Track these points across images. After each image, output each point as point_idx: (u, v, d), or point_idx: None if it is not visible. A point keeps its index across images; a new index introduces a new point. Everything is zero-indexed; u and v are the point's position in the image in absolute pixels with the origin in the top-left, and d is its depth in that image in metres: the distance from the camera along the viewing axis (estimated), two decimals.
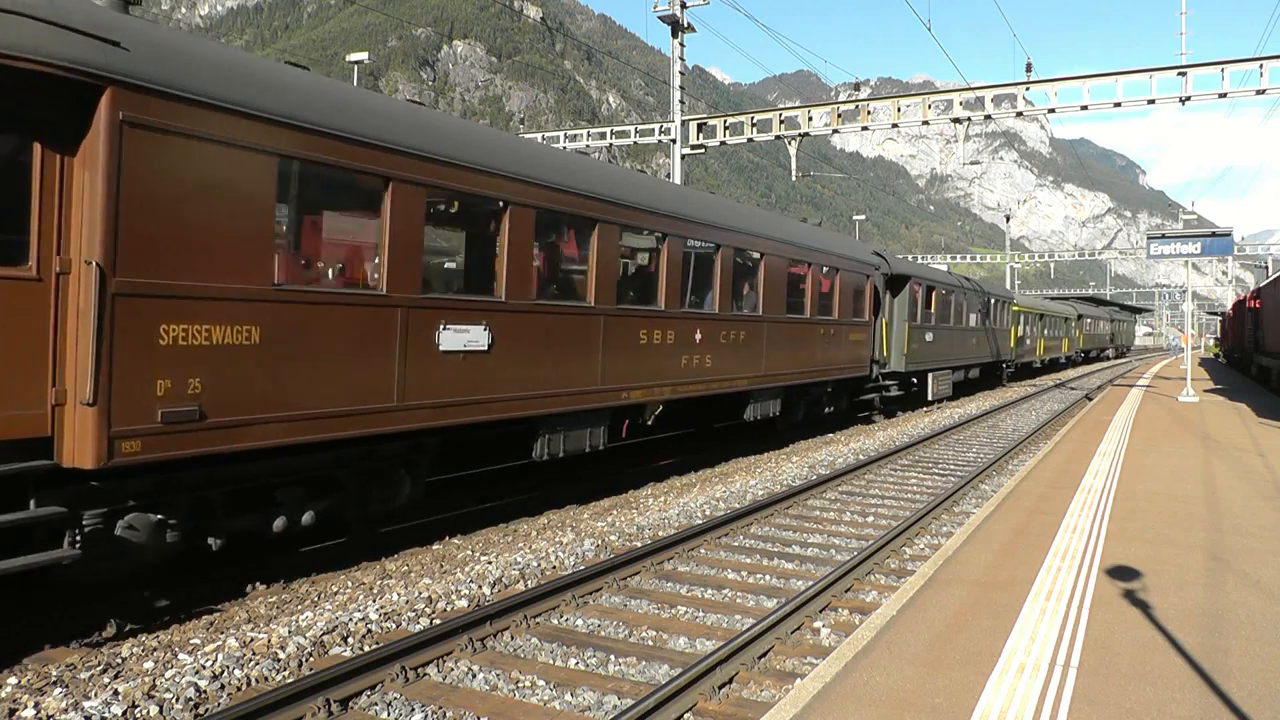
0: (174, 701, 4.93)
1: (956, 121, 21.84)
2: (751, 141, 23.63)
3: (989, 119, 21.98)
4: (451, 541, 8.76)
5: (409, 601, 6.71)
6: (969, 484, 12.10)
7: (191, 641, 5.85)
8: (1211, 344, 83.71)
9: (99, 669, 5.40)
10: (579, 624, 6.51)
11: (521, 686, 5.37)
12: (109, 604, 6.38)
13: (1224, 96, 19.45)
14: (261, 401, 6.38)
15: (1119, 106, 20.41)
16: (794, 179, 26.75)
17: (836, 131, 23.20)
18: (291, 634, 5.95)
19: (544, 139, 26.03)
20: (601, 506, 10.59)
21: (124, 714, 4.77)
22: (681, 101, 23.19)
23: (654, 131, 24.67)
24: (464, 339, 8.11)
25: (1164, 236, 22.68)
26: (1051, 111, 21.06)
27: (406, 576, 7.53)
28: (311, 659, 5.66)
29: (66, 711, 4.78)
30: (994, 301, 30.22)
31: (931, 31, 22.99)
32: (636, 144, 25.67)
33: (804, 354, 15.49)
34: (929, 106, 22.42)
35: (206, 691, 5.09)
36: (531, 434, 9.43)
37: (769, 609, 6.80)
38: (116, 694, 4.99)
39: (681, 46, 22.30)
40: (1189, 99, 19.55)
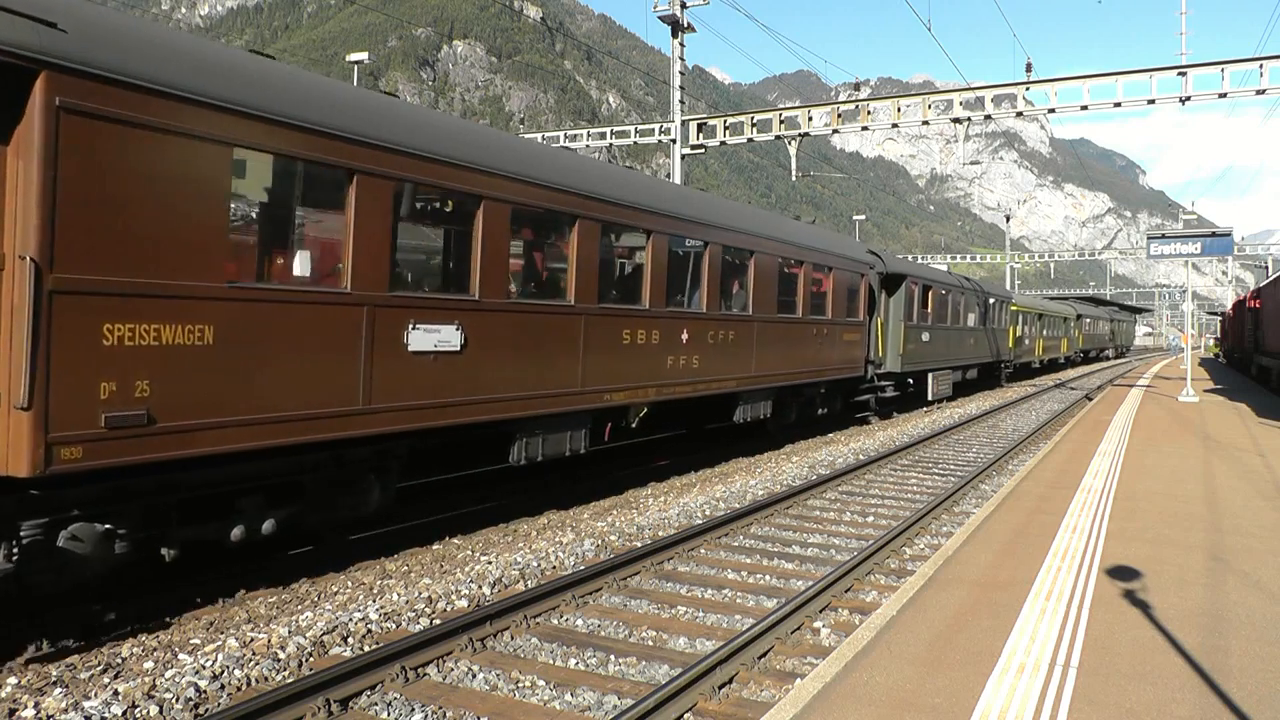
0: (174, 701, 4.93)
1: (956, 121, 21.84)
2: (751, 141, 23.63)
3: (989, 119, 21.98)
4: (451, 541, 8.76)
5: (409, 601, 6.71)
6: (969, 484, 12.11)
7: (191, 641, 5.85)
8: (1211, 344, 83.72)
9: (99, 669, 5.40)
10: (579, 624, 6.52)
11: (521, 686, 5.38)
12: (110, 604, 6.38)
13: (1224, 96, 19.45)
14: (216, 405, 6.09)
15: (1119, 106, 20.42)
16: (794, 179, 26.76)
17: (836, 131, 23.20)
18: (291, 634, 5.95)
19: (544, 139, 26.02)
20: (601, 506, 10.59)
21: (124, 714, 4.78)
22: (681, 101, 23.20)
23: (654, 131, 24.67)
24: (435, 339, 7.81)
25: (1164, 236, 22.68)
26: (1051, 111, 21.06)
27: (406, 576, 7.53)
28: (311, 659, 5.67)
29: (66, 711, 4.78)
30: (992, 301, 30.08)
31: (931, 31, 23.02)
32: (636, 144, 25.67)
33: (796, 354, 15.20)
34: (929, 106, 22.42)
35: (206, 691, 5.09)
36: (508, 437, 9.12)
37: (769, 609, 6.80)
38: (116, 694, 4.99)
39: (681, 46, 22.31)
40: (1189, 99, 19.56)
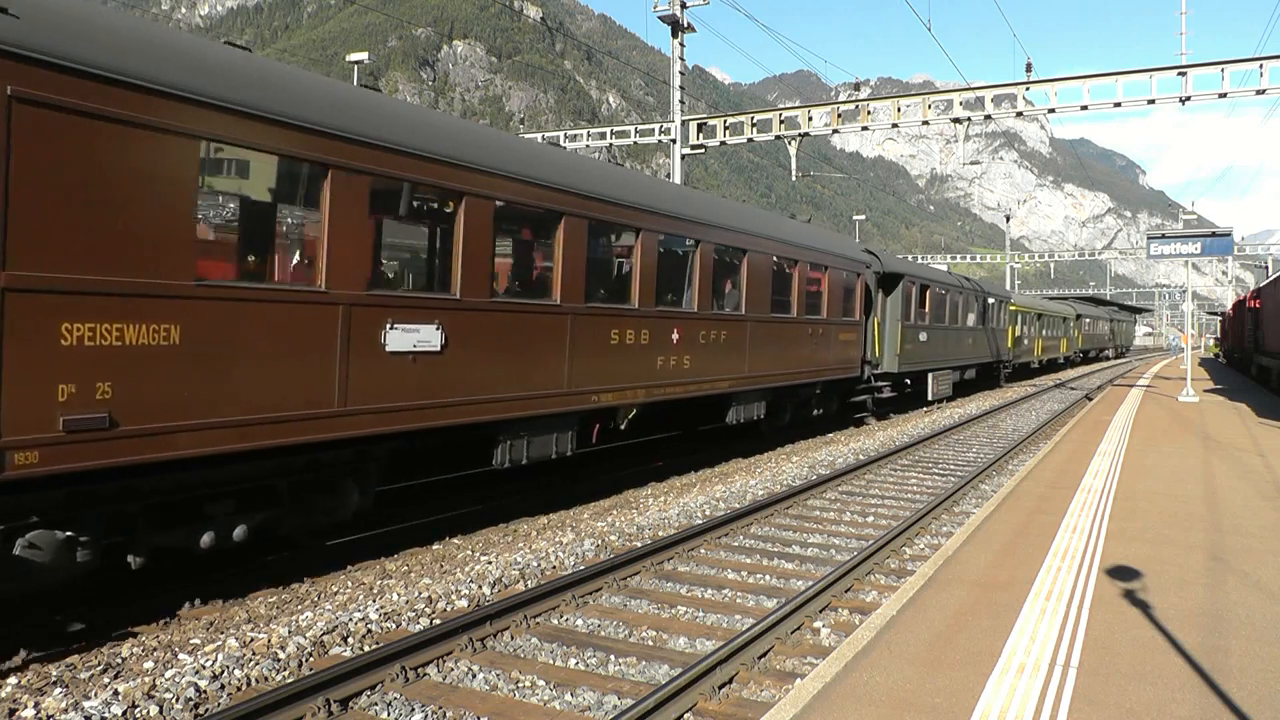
0: (174, 701, 4.93)
1: (956, 121, 21.84)
2: (751, 141, 23.63)
3: (989, 119, 21.98)
4: (451, 541, 8.76)
5: (409, 601, 6.71)
6: (969, 484, 12.10)
7: (191, 641, 5.85)
8: (1211, 344, 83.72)
9: (99, 669, 5.40)
10: (579, 624, 6.52)
11: (521, 686, 5.38)
12: (110, 604, 6.38)
13: (1224, 96, 19.46)
14: (183, 407, 5.86)
15: (1119, 106, 20.42)
16: (794, 179, 26.76)
17: (836, 131, 23.20)
18: (291, 634, 5.95)
19: (544, 139, 26.03)
20: (601, 506, 10.59)
21: (124, 714, 4.78)
22: (681, 101, 23.20)
23: (654, 131, 24.67)
24: (414, 339, 7.59)
25: (1164, 236, 22.68)
26: (1051, 111, 21.06)
27: (406, 576, 7.53)
28: (311, 659, 5.67)
29: (66, 711, 4.78)
30: (991, 301, 29.97)
31: (931, 31, 23.03)
32: (636, 144, 25.67)
33: (790, 355, 14.96)
34: (929, 106, 22.43)
35: (206, 691, 5.09)
36: (492, 440, 8.89)
37: (769, 609, 6.80)
38: (116, 694, 4.99)
39: (681, 46, 22.31)
40: (1189, 99, 19.56)
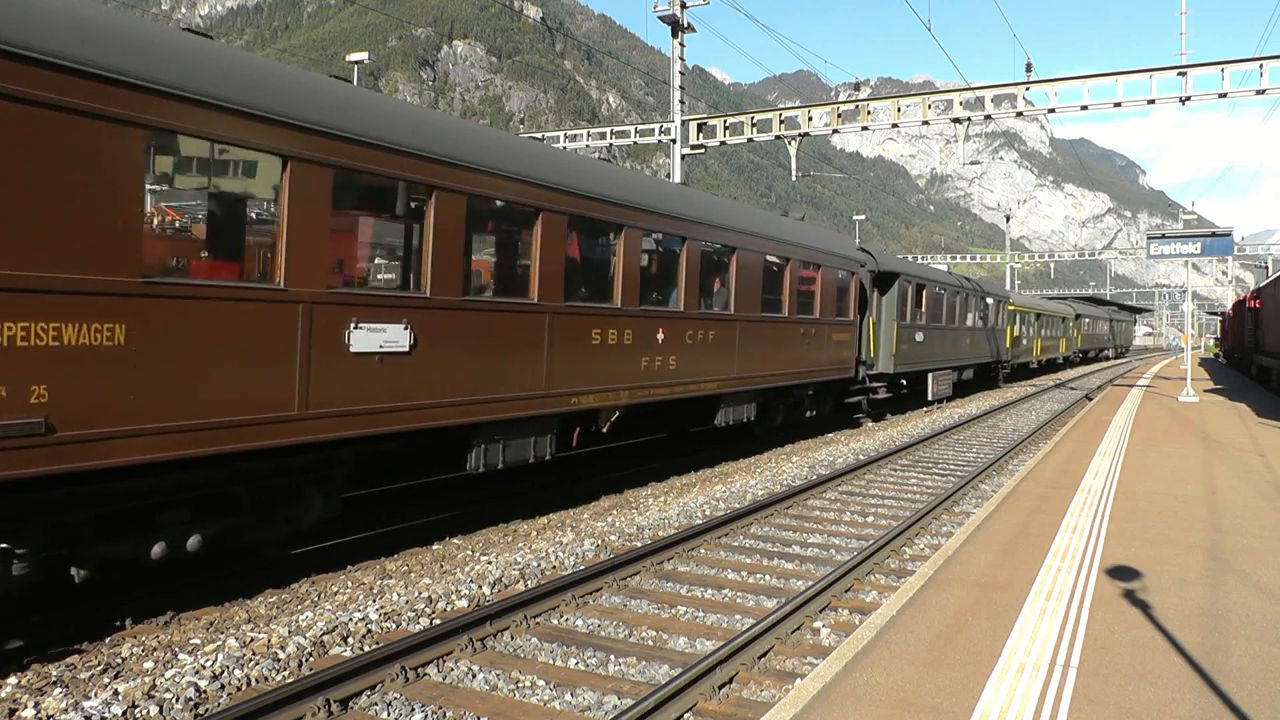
0: (174, 701, 4.94)
1: (956, 121, 21.85)
2: (751, 141, 23.64)
3: (989, 119, 21.98)
4: (451, 541, 8.76)
5: (409, 601, 6.71)
6: (969, 484, 12.11)
7: (191, 641, 5.85)
8: (1211, 344, 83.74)
9: (99, 669, 5.40)
10: (579, 624, 6.52)
11: (521, 686, 5.38)
12: (110, 604, 6.38)
13: (1224, 96, 19.46)
14: (129, 412, 5.53)
15: (1119, 106, 20.43)
16: (794, 179, 26.77)
17: (836, 131, 23.20)
18: (291, 634, 5.95)
19: (544, 139, 26.03)
20: (601, 506, 10.59)
21: (124, 714, 4.78)
22: (681, 101, 23.21)
23: (654, 131, 24.68)
24: (380, 339, 7.28)
25: (1164, 236, 22.68)
26: (1051, 111, 21.07)
27: (406, 576, 7.53)
28: (311, 659, 5.67)
29: (66, 711, 4.78)
30: (989, 301, 29.76)
31: (931, 31, 23.04)
32: (636, 144, 25.68)
33: (782, 355, 14.64)
34: (929, 106, 22.43)
35: (206, 691, 5.09)
36: (466, 443, 8.57)
37: (769, 609, 6.80)
38: (116, 694, 4.99)
39: (681, 46, 22.31)
40: (1189, 99, 19.57)
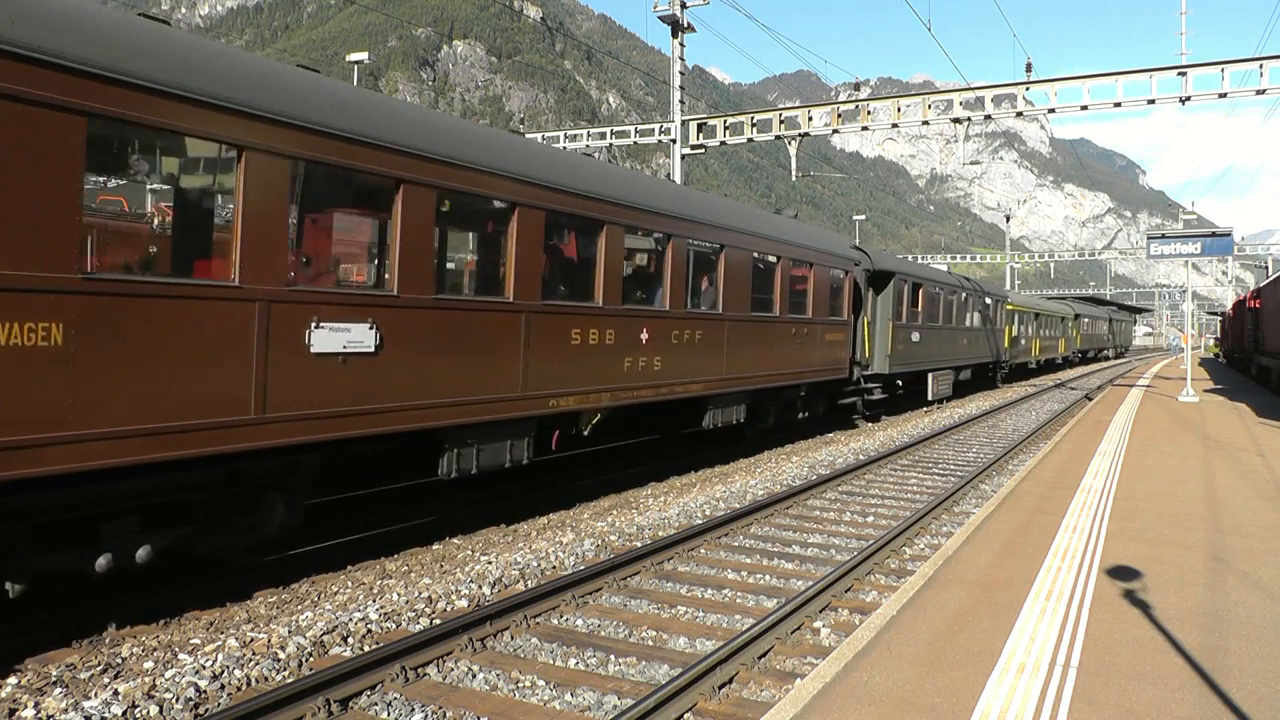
0: (174, 701, 4.94)
1: (956, 121, 21.85)
2: (751, 141, 23.65)
3: (989, 119, 21.99)
4: (451, 541, 8.76)
5: (409, 601, 6.71)
6: (969, 484, 12.11)
7: (191, 641, 5.85)
8: (1211, 344, 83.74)
9: (99, 669, 5.40)
10: (579, 624, 6.52)
11: (521, 686, 5.38)
12: (110, 604, 6.38)
13: (1224, 96, 19.48)
14: (68, 416, 5.23)
15: (1119, 106, 20.44)
16: (794, 179, 26.77)
17: (836, 131, 23.21)
18: (291, 634, 5.95)
19: (544, 139, 26.03)
20: (601, 506, 10.59)
21: (124, 714, 4.78)
22: (681, 101, 23.21)
23: (654, 131, 24.69)
24: (343, 339, 6.96)
25: (1164, 236, 22.69)
26: (1051, 111, 21.08)
27: (406, 576, 7.53)
28: (311, 659, 5.67)
29: (66, 711, 4.78)
30: (987, 300, 29.51)
31: (931, 31, 23.04)
32: (636, 144, 25.69)
33: (773, 355, 14.27)
34: (929, 106, 22.43)
35: (206, 691, 5.09)
36: (438, 447, 8.26)
37: (769, 609, 6.80)
38: (116, 694, 4.99)
39: (681, 46, 22.32)
40: (1189, 99, 19.58)
